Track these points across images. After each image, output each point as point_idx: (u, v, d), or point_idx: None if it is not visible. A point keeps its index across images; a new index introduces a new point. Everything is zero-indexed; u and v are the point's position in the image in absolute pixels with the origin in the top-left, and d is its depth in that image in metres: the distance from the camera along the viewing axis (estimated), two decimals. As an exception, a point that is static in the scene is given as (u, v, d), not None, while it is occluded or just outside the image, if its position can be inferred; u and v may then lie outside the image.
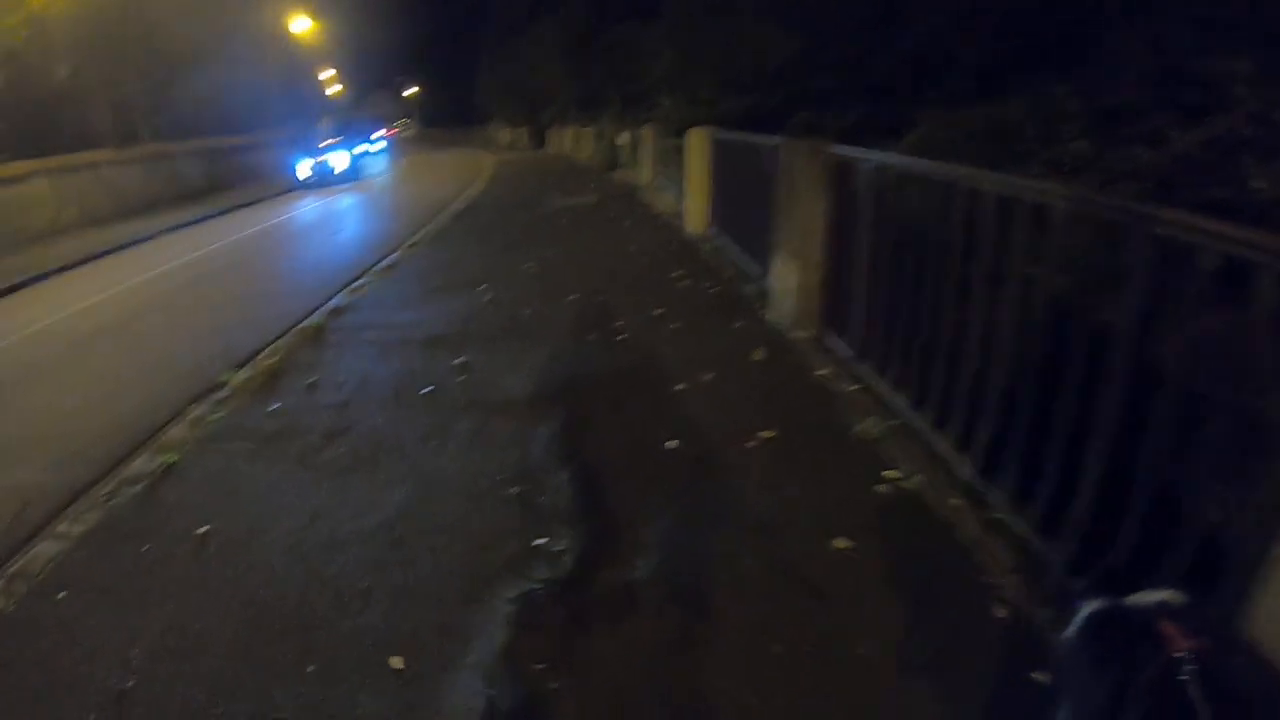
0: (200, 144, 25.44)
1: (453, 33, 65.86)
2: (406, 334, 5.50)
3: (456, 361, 4.69)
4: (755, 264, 6.01)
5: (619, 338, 4.96)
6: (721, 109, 10.45)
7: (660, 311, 5.42)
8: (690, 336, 4.91)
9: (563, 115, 28.09)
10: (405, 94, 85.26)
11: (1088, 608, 1.27)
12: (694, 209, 8.26)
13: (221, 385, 4.90)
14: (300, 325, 6.19)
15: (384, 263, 8.56)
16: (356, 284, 7.47)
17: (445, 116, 76.43)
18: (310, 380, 4.72)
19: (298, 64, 39.14)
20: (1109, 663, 1.16)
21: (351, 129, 28.41)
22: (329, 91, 60.83)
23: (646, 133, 13.88)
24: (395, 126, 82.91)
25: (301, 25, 34.63)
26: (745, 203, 6.28)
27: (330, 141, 25.80)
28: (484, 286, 6.64)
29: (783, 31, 10.12)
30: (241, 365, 5.32)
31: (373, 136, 32.73)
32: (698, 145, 8.02)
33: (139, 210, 19.62)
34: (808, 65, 9.72)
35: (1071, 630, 1.29)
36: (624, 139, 17.77)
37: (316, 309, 6.74)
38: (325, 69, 53.28)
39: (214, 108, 29.26)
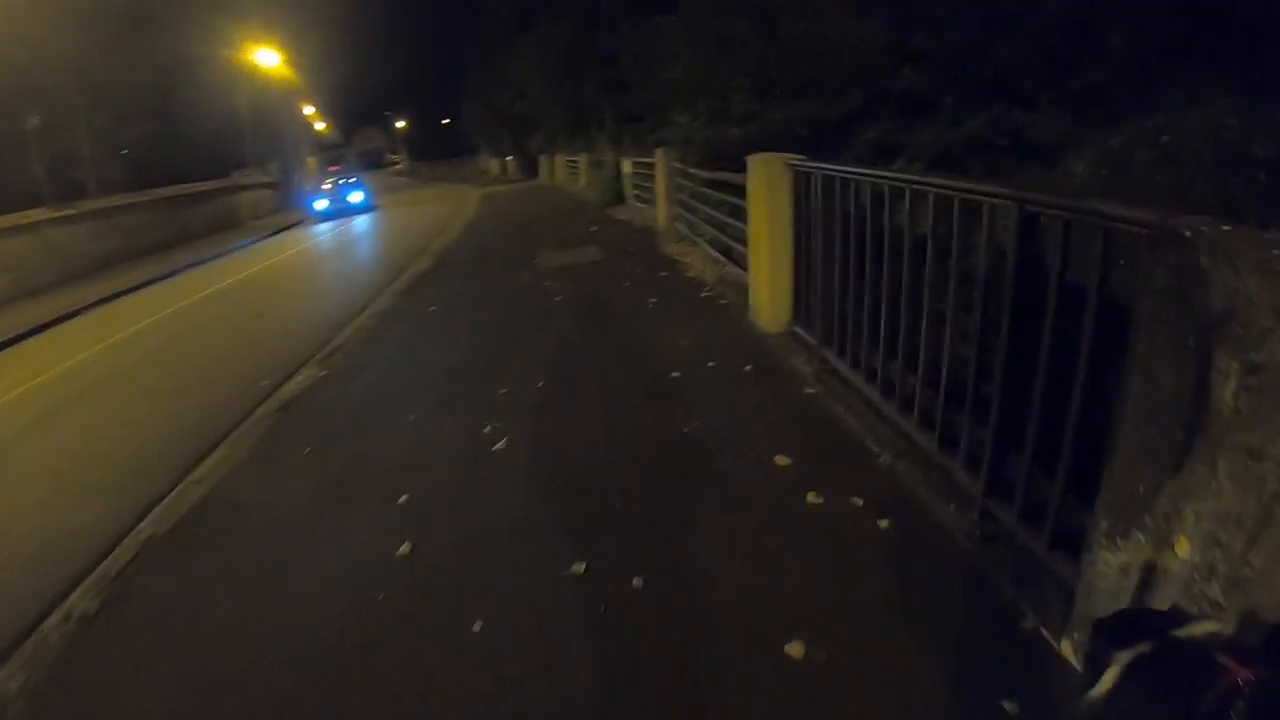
0: (158, 194, 22.59)
1: (440, 62, 63.42)
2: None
3: None
4: (953, 456, 2.94)
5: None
6: (767, 123, 7.44)
7: (798, 652, 2.17)
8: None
9: (553, 141, 25.21)
10: (395, 128, 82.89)
11: (1129, 652, 1.14)
12: (768, 288, 5.13)
13: None
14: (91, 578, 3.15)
15: (279, 395, 5.53)
16: (202, 470, 4.39)
17: (436, 149, 74.11)
18: None
19: (274, 101, 36.34)
20: (1162, 707, 1.06)
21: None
22: (316, 128, 58.32)
23: (660, 160, 10.86)
24: (396, 160, 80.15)
25: (271, 59, 31.80)
26: (910, 313, 3.22)
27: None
28: (405, 498, 3.46)
29: (852, 13, 7.13)
30: None
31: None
32: (769, 186, 4.91)
33: (87, 273, 17.76)
34: (890, 58, 6.76)
35: (1111, 678, 1.13)
36: (628, 167, 14.74)
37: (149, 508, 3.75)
38: (307, 105, 50.72)
39: (177, 152, 26.55)
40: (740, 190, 6.57)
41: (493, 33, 29.83)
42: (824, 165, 4.23)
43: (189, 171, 26.05)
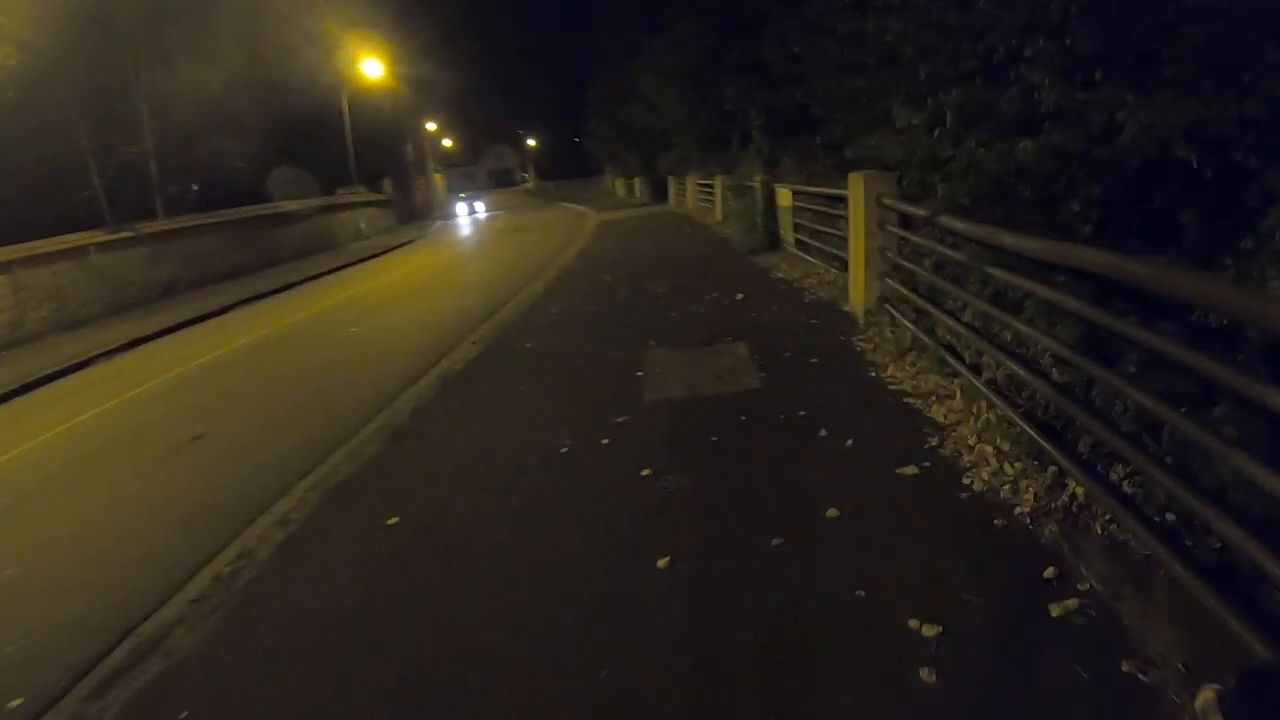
0: (231, 214, 19.89)
1: (570, 78, 60.94)
2: None
3: None
4: None
5: None
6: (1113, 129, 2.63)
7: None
8: None
9: (685, 161, 20.88)
10: (527, 146, 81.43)
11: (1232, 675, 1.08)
12: None
13: None
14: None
15: None
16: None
17: (565, 168, 71.86)
18: None
19: (388, 116, 34.01)
20: None
21: None
22: (441, 145, 56.94)
23: (857, 192, 6.24)
24: (526, 178, 78.60)
25: (376, 71, 29.32)
26: None
27: None
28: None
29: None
30: None
31: None
32: None
33: (139, 304, 15.70)
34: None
35: (1214, 696, 1.10)
36: (786, 198, 10.16)
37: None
38: (430, 121, 48.95)
39: (265, 168, 23.89)
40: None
41: (617, 40, 26.02)
42: None
43: (280, 190, 23.60)
